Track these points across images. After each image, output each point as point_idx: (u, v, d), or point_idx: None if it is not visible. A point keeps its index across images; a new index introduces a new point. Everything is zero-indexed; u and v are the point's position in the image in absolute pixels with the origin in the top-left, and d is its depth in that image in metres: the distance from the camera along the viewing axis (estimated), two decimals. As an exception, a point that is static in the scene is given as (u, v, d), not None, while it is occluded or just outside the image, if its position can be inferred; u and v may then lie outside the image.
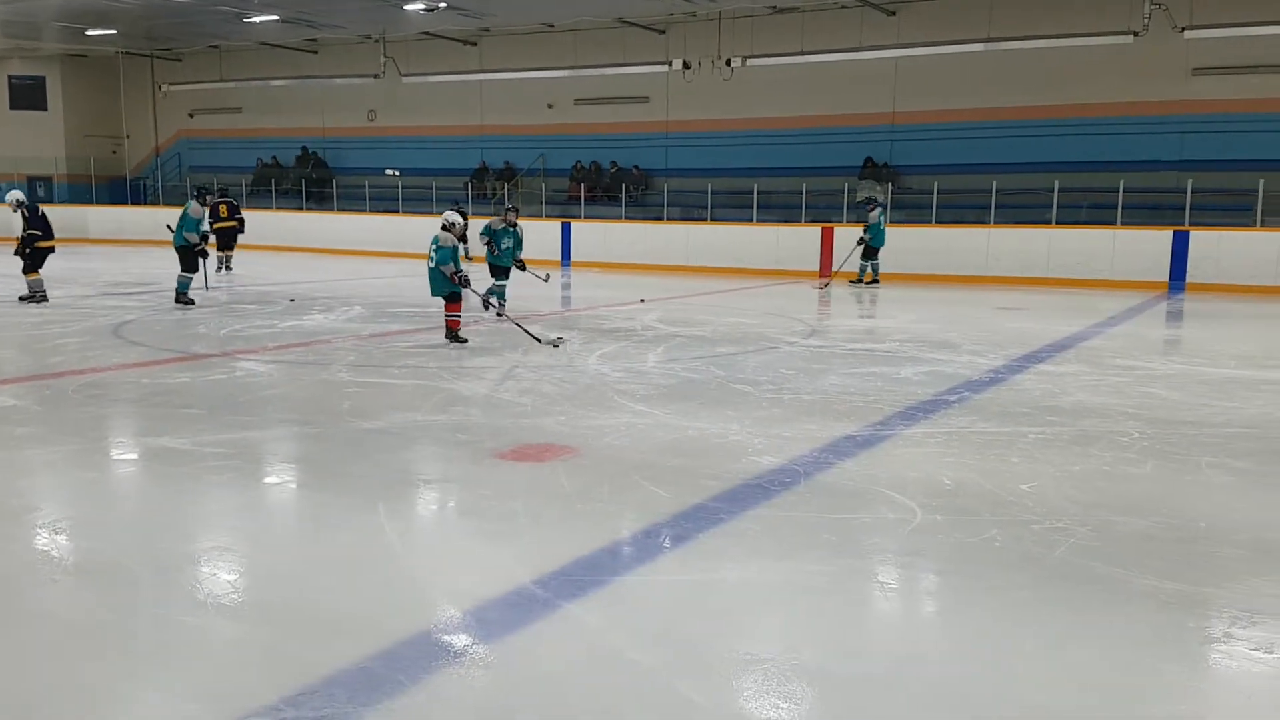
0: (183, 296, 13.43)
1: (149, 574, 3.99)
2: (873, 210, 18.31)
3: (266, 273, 19.24)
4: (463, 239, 10.82)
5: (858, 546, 4.41)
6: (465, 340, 10.19)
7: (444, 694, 3.08)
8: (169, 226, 13.65)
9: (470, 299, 11.20)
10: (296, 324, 11.71)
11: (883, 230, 18.26)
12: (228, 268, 19.38)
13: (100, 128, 32.13)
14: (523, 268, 12.78)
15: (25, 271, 13.32)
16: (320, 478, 5.64)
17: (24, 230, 13.23)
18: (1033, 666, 3.33)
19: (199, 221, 13.38)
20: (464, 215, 18.16)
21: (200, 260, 13.58)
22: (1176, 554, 4.33)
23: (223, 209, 19.50)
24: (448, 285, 10.15)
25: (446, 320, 10.28)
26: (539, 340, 10.10)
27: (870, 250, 18.26)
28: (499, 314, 11.76)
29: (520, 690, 3.11)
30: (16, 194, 13.61)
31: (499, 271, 12.79)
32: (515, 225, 12.82)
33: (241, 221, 19.95)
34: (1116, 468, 5.70)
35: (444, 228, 10.21)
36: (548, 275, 13.45)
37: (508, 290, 12.81)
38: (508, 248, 12.68)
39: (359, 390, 7.82)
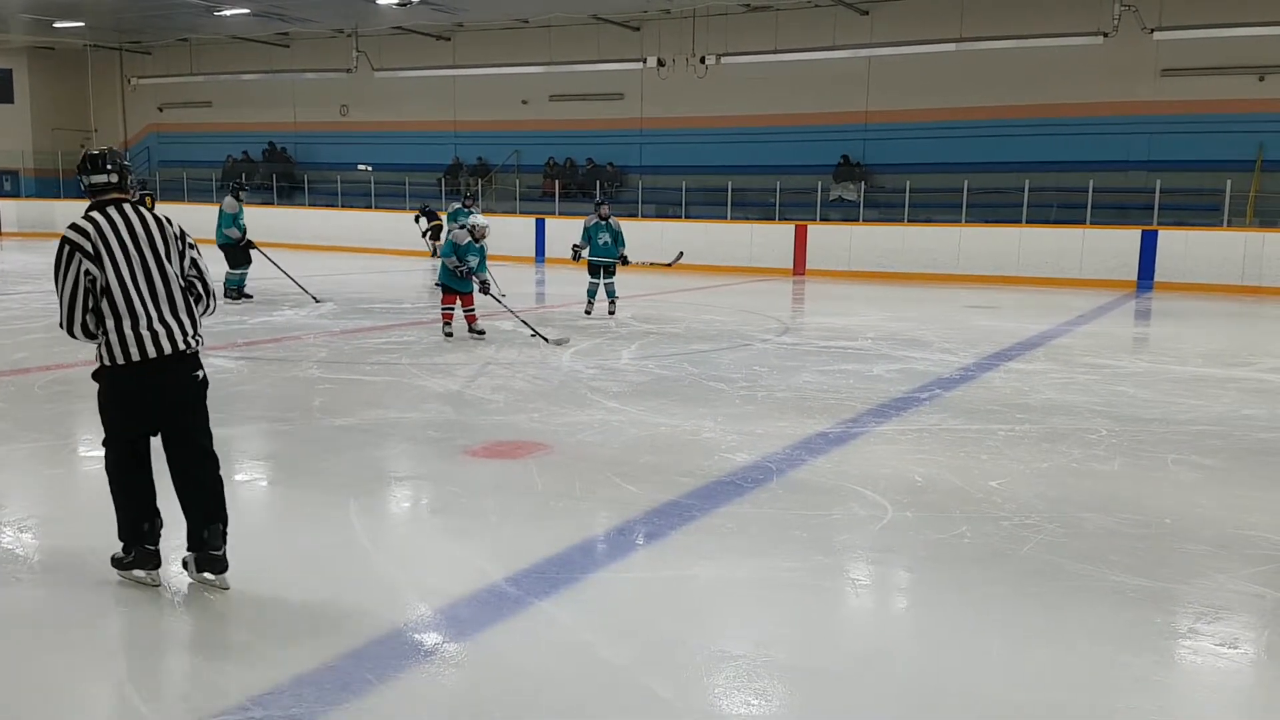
0: (236, 291, 13.38)
1: (115, 572, 3.94)
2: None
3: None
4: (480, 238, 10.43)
5: (829, 543, 4.43)
6: (449, 335, 10.29)
7: (415, 692, 3.06)
8: None
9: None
10: (267, 320, 11.61)
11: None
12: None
13: (68, 121, 31.69)
14: (625, 262, 12.50)
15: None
16: (290, 475, 5.60)
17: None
18: (1002, 661, 3.36)
19: (235, 216, 13.35)
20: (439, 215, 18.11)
21: (249, 254, 13.52)
22: (1143, 550, 4.37)
23: (149, 201, 20.50)
24: (444, 274, 10.31)
25: (465, 313, 10.43)
26: (546, 339, 10.04)
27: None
28: (589, 313, 11.93)
29: (492, 688, 3.10)
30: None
31: (595, 269, 12.52)
32: (608, 219, 12.53)
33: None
34: (1085, 465, 5.76)
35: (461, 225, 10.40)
36: (681, 253, 13.48)
37: (615, 286, 12.66)
38: (606, 243, 12.41)
39: (330, 387, 7.76)
